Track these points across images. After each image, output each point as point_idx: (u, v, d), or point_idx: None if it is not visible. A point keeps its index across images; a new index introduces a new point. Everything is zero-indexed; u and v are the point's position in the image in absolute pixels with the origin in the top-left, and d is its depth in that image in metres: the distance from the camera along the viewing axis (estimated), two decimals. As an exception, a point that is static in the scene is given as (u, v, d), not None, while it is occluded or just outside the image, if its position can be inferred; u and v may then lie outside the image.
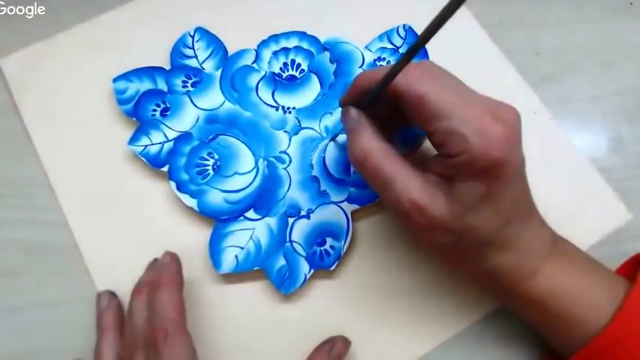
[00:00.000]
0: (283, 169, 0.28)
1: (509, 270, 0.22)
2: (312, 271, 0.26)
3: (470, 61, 0.32)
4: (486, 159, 0.19)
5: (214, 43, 0.31)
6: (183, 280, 0.24)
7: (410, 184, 0.20)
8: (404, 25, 0.32)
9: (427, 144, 0.29)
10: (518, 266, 0.22)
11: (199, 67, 0.30)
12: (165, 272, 0.23)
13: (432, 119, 0.20)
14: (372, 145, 0.21)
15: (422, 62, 0.21)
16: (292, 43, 0.31)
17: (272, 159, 0.28)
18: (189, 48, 0.31)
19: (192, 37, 0.31)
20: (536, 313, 0.23)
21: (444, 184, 0.20)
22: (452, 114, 0.19)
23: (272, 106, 0.30)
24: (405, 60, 0.18)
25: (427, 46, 0.31)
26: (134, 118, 0.29)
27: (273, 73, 0.30)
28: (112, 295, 0.25)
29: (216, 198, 0.27)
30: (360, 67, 0.31)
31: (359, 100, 0.23)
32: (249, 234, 0.26)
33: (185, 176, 0.27)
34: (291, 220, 0.27)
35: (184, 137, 0.28)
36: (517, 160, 0.20)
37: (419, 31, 0.32)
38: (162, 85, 0.30)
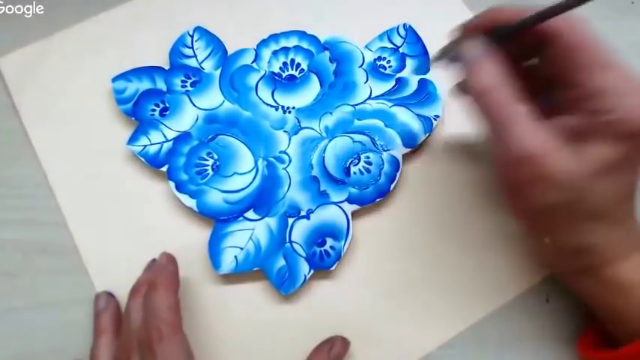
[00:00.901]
0: (283, 169, 0.28)
1: (606, 248, 0.20)
2: (312, 271, 0.26)
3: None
4: (637, 123, 0.18)
5: (213, 42, 0.31)
6: (179, 281, 0.23)
7: (532, 130, 0.19)
8: (404, 24, 0.32)
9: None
10: (618, 245, 0.20)
11: (198, 67, 0.30)
12: (161, 273, 0.23)
13: (589, 68, 0.19)
14: (498, 78, 0.20)
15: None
16: (292, 42, 0.31)
17: (272, 159, 0.28)
18: (189, 47, 0.31)
19: (192, 36, 0.31)
20: (609, 296, 0.21)
21: (572, 140, 0.19)
22: (613, 68, 0.19)
23: (272, 106, 0.29)
24: (564, 6, 0.18)
25: (427, 45, 0.31)
26: (133, 118, 0.29)
27: (273, 72, 0.30)
28: (110, 295, 0.25)
29: (215, 198, 0.27)
30: (360, 66, 0.31)
31: (487, 30, 0.21)
32: (249, 234, 0.26)
33: (184, 176, 0.27)
34: (290, 220, 0.27)
35: (183, 137, 0.28)
36: None
37: (419, 30, 0.32)
38: (161, 85, 0.30)
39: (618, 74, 0.19)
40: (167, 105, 0.29)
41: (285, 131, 0.29)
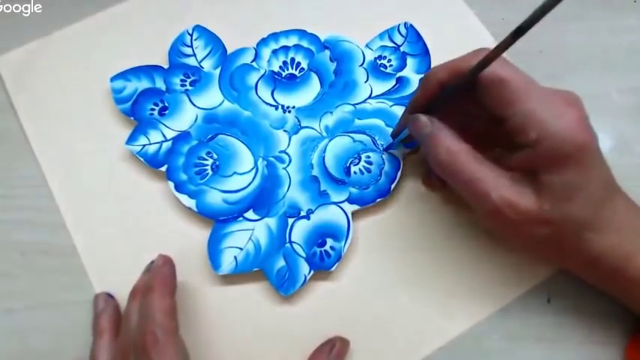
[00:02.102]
0: (283, 169, 0.28)
1: (612, 250, 0.21)
2: (312, 272, 0.26)
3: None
4: (569, 144, 0.19)
5: (213, 41, 0.31)
6: (175, 283, 0.23)
7: (499, 182, 0.21)
8: (405, 23, 0.32)
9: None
10: (621, 245, 0.21)
11: (198, 66, 0.30)
12: (157, 276, 0.23)
13: (511, 101, 0.20)
14: (457, 146, 0.21)
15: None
16: (292, 41, 0.31)
17: (271, 159, 0.28)
18: (188, 46, 0.30)
19: (191, 35, 0.31)
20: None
21: (528, 179, 0.21)
22: (530, 96, 0.20)
23: (271, 105, 0.29)
24: (501, 48, 0.18)
25: (428, 44, 0.31)
26: (132, 118, 0.29)
27: (273, 71, 0.30)
28: (109, 297, 0.25)
29: (215, 198, 0.27)
30: (361, 65, 0.30)
31: (426, 106, 0.23)
32: (249, 235, 0.26)
33: (184, 176, 0.27)
34: (290, 220, 0.27)
35: (183, 137, 0.28)
36: (595, 141, 0.20)
37: (420, 29, 0.31)
38: (160, 84, 0.29)
39: (541, 102, 0.20)
40: (166, 104, 0.29)
41: (285, 131, 0.29)
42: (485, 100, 0.21)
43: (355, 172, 0.28)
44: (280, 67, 0.30)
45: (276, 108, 0.29)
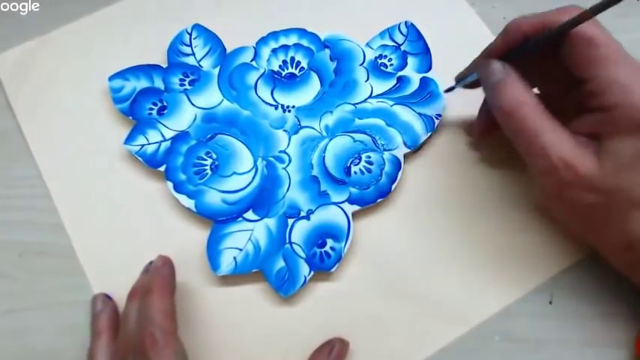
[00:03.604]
0: (283, 169, 0.28)
1: None
2: (312, 273, 0.25)
3: (473, 59, 0.31)
4: None
5: (212, 40, 0.30)
6: (174, 284, 0.23)
7: (561, 139, 0.20)
8: (405, 21, 0.31)
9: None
10: None
11: (197, 65, 0.30)
12: (156, 277, 0.23)
13: (596, 63, 0.20)
14: (524, 95, 0.21)
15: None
16: (292, 40, 0.31)
17: (271, 159, 0.28)
18: (187, 45, 0.30)
19: (190, 34, 0.30)
20: None
21: (592, 143, 0.20)
22: (617, 61, 0.19)
23: (271, 105, 0.29)
24: (596, 9, 0.18)
25: (429, 43, 0.31)
26: (130, 117, 0.28)
27: (272, 71, 0.30)
28: (107, 297, 0.25)
29: (214, 198, 0.27)
30: (361, 64, 0.30)
31: (502, 54, 0.23)
32: (248, 235, 0.26)
33: (182, 176, 0.27)
34: (290, 221, 0.26)
35: (182, 136, 0.28)
36: None
37: (420, 28, 0.31)
38: (159, 84, 0.29)
39: (629, 69, 0.20)
40: (165, 104, 0.29)
41: (284, 130, 0.28)
42: (570, 58, 0.21)
43: (355, 172, 0.27)
44: (280, 67, 0.30)
45: (276, 107, 0.29)
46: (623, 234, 0.21)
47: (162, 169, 0.27)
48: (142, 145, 0.28)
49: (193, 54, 0.30)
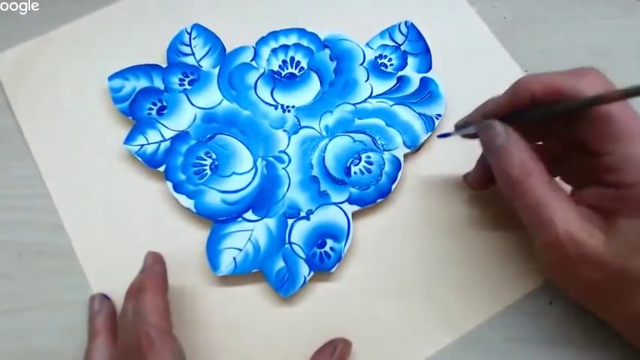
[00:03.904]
0: (282, 169, 0.27)
1: None
2: (312, 273, 0.25)
3: (473, 58, 0.31)
4: None
5: (212, 40, 0.30)
6: (167, 282, 0.23)
7: (568, 212, 0.19)
8: (406, 21, 0.31)
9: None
10: None
11: (197, 65, 0.30)
12: (148, 275, 0.23)
13: (613, 139, 0.19)
14: (531, 164, 0.20)
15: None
16: (292, 40, 0.31)
17: (271, 159, 0.28)
18: (187, 45, 0.30)
19: (190, 34, 0.30)
20: None
21: (597, 217, 0.19)
22: (635, 137, 0.18)
23: (271, 105, 0.29)
24: (624, 94, 0.17)
25: (429, 42, 0.31)
26: (130, 117, 0.28)
27: (272, 70, 0.30)
28: (105, 297, 0.25)
29: (213, 198, 0.26)
30: (361, 64, 0.30)
31: (507, 113, 0.21)
32: (248, 235, 0.26)
33: (182, 176, 0.27)
34: (290, 221, 0.26)
35: (181, 136, 0.28)
36: None
37: (421, 27, 0.31)
38: (158, 83, 0.29)
39: None
40: (165, 104, 0.29)
41: (284, 130, 0.28)
42: (584, 130, 0.20)
43: (355, 173, 0.27)
44: (280, 66, 0.30)
45: (276, 107, 0.29)
46: (632, 309, 0.20)
47: (161, 169, 0.27)
48: (142, 145, 0.28)
49: (193, 54, 0.30)
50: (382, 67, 0.30)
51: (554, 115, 0.20)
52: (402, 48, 0.31)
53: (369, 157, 0.28)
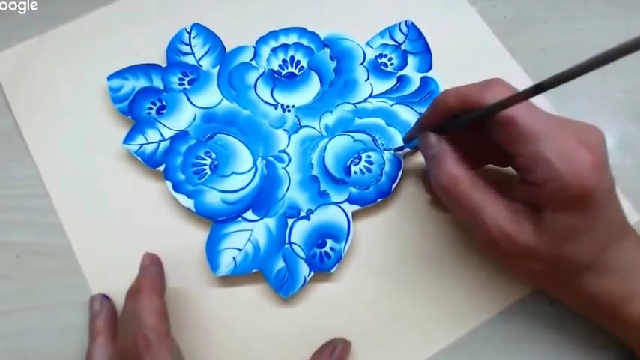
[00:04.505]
0: (282, 168, 0.27)
1: (610, 294, 0.21)
2: (312, 273, 0.25)
3: (473, 58, 0.31)
4: (574, 188, 0.18)
5: (211, 39, 0.30)
6: (164, 282, 0.23)
7: (498, 212, 0.20)
8: (406, 20, 0.31)
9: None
10: (619, 289, 0.21)
11: (196, 64, 0.30)
12: (145, 275, 0.23)
13: (519, 142, 0.20)
14: (458, 172, 0.21)
15: (507, 85, 0.21)
16: (292, 39, 0.30)
17: (271, 158, 0.28)
18: (186, 44, 0.30)
19: (189, 33, 0.30)
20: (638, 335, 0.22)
21: (530, 213, 0.20)
22: (539, 137, 0.19)
23: (271, 104, 0.29)
24: (520, 97, 0.18)
25: (429, 42, 0.31)
26: (129, 117, 0.28)
27: (272, 70, 0.30)
28: (105, 298, 0.25)
29: (213, 198, 0.26)
30: (361, 64, 0.30)
31: (439, 125, 0.23)
32: (248, 235, 0.26)
33: (182, 176, 0.27)
34: (290, 221, 0.26)
35: (181, 136, 0.28)
36: (606, 185, 0.20)
37: (421, 27, 0.31)
38: (158, 83, 0.29)
39: (550, 142, 0.19)
40: (164, 103, 0.29)
41: (284, 130, 0.28)
42: (494, 135, 0.21)
43: (356, 172, 0.27)
44: (280, 66, 0.30)
45: (276, 107, 0.29)
46: (578, 294, 0.22)
47: (161, 168, 0.27)
48: (141, 145, 0.27)
49: (192, 53, 0.30)
50: (382, 67, 0.30)
51: (468, 123, 0.21)
52: (403, 47, 0.31)
53: (369, 156, 0.28)
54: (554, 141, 0.19)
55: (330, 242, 0.26)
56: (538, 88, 0.17)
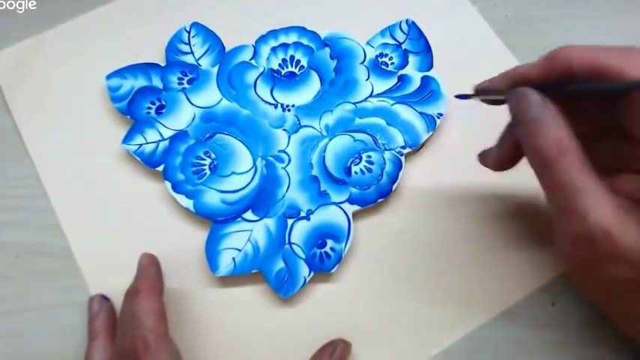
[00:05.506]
0: (282, 168, 0.27)
1: None
2: (312, 274, 0.25)
3: (474, 57, 0.31)
4: None
5: (211, 38, 0.30)
6: (163, 283, 0.23)
7: (603, 202, 0.17)
8: (407, 20, 0.31)
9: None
10: None
11: (195, 64, 0.29)
12: (143, 276, 0.22)
13: None
14: (568, 142, 0.17)
15: None
16: (292, 38, 0.30)
17: (271, 158, 0.27)
18: (185, 44, 0.30)
19: (189, 32, 0.30)
20: None
21: (635, 209, 0.17)
22: None
23: (271, 104, 0.29)
24: None
25: (430, 41, 0.31)
26: (128, 116, 0.28)
27: (272, 69, 0.30)
28: (104, 298, 0.25)
29: (213, 198, 0.26)
30: (362, 63, 0.30)
31: (539, 83, 0.19)
32: (247, 236, 0.26)
33: (181, 176, 0.27)
34: (290, 221, 0.26)
35: (180, 136, 0.28)
36: None
37: (422, 26, 0.31)
38: (157, 82, 0.29)
39: None
40: (163, 103, 0.28)
41: (284, 130, 0.28)
42: (625, 114, 0.18)
43: (356, 172, 0.27)
44: (279, 65, 0.30)
45: (276, 107, 0.29)
46: None
47: (160, 168, 0.27)
48: (140, 145, 0.27)
49: (192, 52, 0.30)
50: (383, 66, 0.30)
51: (593, 93, 0.18)
52: (403, 46, 0.30)
53: (369, 156, 0.27)
54: None
55: (330, 242, 0.26)
56: None
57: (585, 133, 0.20)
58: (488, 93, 0.22)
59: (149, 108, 0.28)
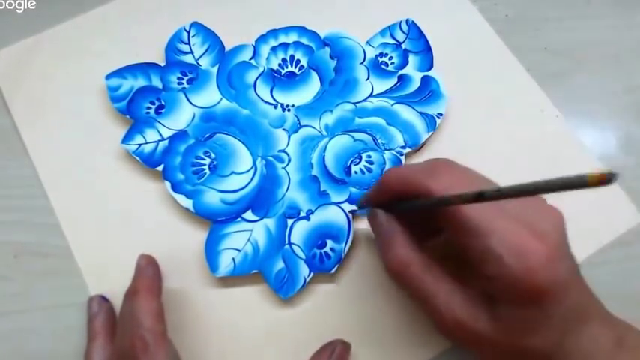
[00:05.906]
0: (282, 168, 0.27)
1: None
2: (312, 274, 0.25)
3: (475, 57, 0.31)
4: (526, 284, 0.17)
5: (210, 38, 0.30)
6: (161, 283, 0.23)
7: (451, 298, 0.19)
8: (407, 19, 0.31)
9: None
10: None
11: (195, 64, 0.29)
12: (141, 277, 0.22)
13: (468, 235, 0.18)
14: (410, 256, 0.20)
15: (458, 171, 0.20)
16: (291, 38, 0.30)
17: (270, 158, 0.27)
18: (185, 43, 0.30)
19: (188, 32, 0.30)
20: None
21: (485, 301, 0.19)
22: (489, 231, 0.18)
23: (270, 104, 0.29)
24: (462, 200, 0.17)
25: (430, 41, 0.30)
26: (128, 116, 0.28)
27: (272, 69, 0.30)
28: (103, 299, 0.25)
29: (212, 198, 0.26)
30: (362, 63, 0.30)
31: (387, 203, 0.22)
32: (247, 236, 0.26)
33: (180, 176, 0.27)
34: (290, 221, 0.26)
35: (180, 136, 0.28)
36: (563, 275, 0.18)
37: (422, 25, 0.31)
38: (156, 82, 0.29)
39: (496, 233, 0.18)
40: (163, 103, 0.28)
41: (284, 130, 0.28)
42: (445, 226, 0.20)
43: (356, 172, 0.27)
44: (279, 65, 0.30)
45: (275, 106, 0.29)
46: None
47: (160, 168, 0.27)
48: (140, 145, 0.27)
49: (192, 52, 0.30)
50: (383, 66, 0.30)
51: (412, 210, 0.21)
52: (403, 46, 0.30)
53: (369, 156, 0.27)
54: (505, 234, 0.18)
55: (330, 243, 0.26)
56: (479, 197, 0.16)
57: (440, 231, 0.23)
58: (364, 208, 0.25)
59: (149, 108, 0.28)
